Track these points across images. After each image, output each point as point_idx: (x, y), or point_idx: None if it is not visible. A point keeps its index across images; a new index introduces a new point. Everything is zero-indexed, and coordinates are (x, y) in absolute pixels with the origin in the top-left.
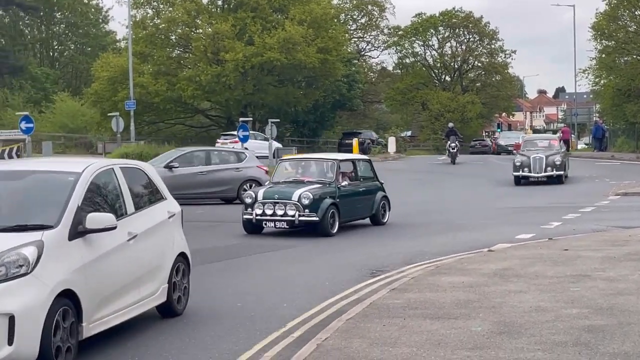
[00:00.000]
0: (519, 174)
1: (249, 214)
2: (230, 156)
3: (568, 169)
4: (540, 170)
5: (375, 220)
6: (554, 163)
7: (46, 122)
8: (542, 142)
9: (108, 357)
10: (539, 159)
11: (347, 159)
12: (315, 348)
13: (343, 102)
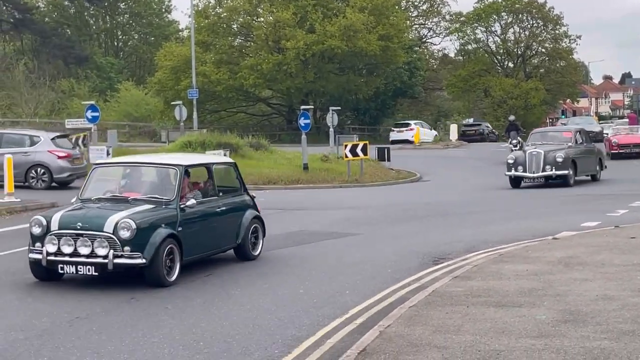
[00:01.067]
0: (512, 173)
1: (36, 252)
2: (24, 139)
3: (602, 166)
4: (537, 170)
5: (242, 252)
6: (554, 160)
7: (111, 110)
8: (553, 134)
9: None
10: (535, 154)
11: (198, 163)
12: (378, 335)
13: (404, 90)
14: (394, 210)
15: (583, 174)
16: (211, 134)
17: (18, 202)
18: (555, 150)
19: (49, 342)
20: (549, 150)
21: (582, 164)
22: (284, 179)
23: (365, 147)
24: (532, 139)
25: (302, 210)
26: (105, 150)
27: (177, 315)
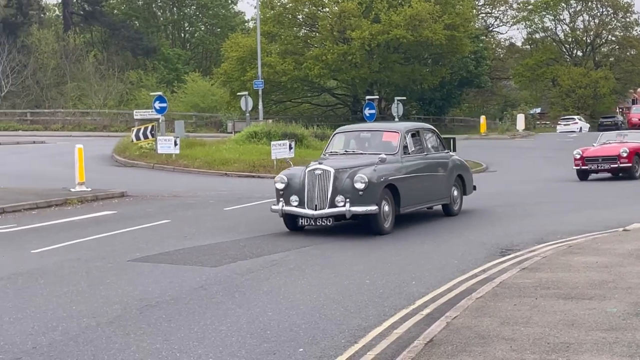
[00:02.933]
0: (279, 208)
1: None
2: None
3: (465, 188)
4: (321, 204)
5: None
6: (351, 187)
7: (178, 101)
8: (366, 135)
9: (243, 330)
10: (320, 175)
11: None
12: (445, 326)
13: (470, 79)
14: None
15: (416, 205)
16: (276, 124)
17: (89, 192)
18: (359, 168)
19: (120, 329)
20: (350, 167)
21: (413, 189)
22: None
23: None
24: (336, 144)
25: None
26: (173, 140)
27: (244, 304)
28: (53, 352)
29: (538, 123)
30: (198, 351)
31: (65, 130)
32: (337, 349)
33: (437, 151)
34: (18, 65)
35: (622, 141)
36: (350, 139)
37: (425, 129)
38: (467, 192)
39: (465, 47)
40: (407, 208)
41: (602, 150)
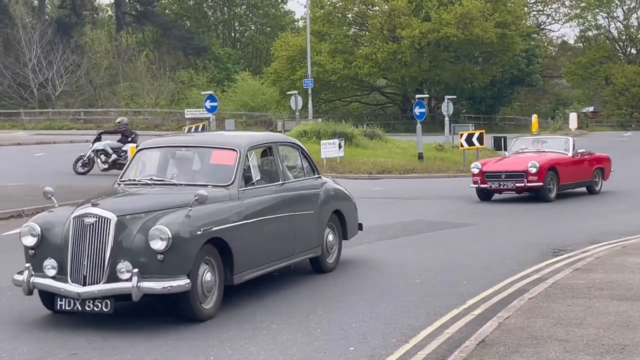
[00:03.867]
0: None
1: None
2: None
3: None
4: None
5: None
6: (144, 247)
7: (228, 100)
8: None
9: (294, 328)
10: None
11: None
12: (497, 326)
13: (521, 78)
14: (511, 200)
15: (264, 267)
16: (326, 123)
17: None
18: (162, 213)
19: (172, 327)
20: (147, 209)
21: (257, 242)
22: (399, 168)
23: (481, 136)
24: (138, 168)
25: (418, 200)
26: None
27: (295, 302)
28: (107, 348)
29: None
30: (249, 348)
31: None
32: (388, 348)
33: (302, 177)
34: (72, 65)
35: (539, 150)
36: (163, 160)
37: (282, 143)
38: (348, 234)
39: (516, 45)
40: (247, 274)
41: (507, 163)
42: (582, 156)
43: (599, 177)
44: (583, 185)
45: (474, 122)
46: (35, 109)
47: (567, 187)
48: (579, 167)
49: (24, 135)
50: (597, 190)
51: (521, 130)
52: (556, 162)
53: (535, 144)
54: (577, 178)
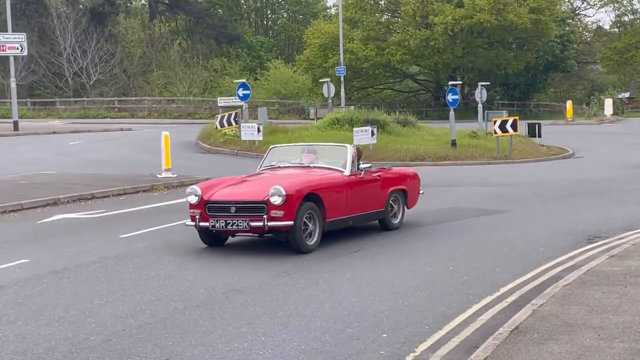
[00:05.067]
0: None
1: None
2: None
3: None
4: None
5: None
6: None
7: (261, 88)
8: None
9: (327, 316)
10: None
11: None
12: (531, 314)
13: (556, 64)
14: (545, 187)
15: None
16: (358, 110)
17: (175, 178)
18: None
19: (207, 313)
20: None
21: None
22: (432, 156)
23: (515, 123)
24: None
25: (451, 187)
26: (256, 127)
27: (327, 290)
28: (142, 334)
29: None
30: (282, 335)
31: (151, 118)
32: (421, 335)
33: None
34: (106, 54)
35: (309, 164)
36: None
37: None
38: None
39: (550, 30)
40: None
41: (240, 188)
42: (369, 174)
43: (398, 204)
44: (370, 218)
45: (507, 109)
46: (70, 97)
47: (341, 224)
48: (362, 192)
49: (60, 124)
50: (395, 225)
51: (556, 116)
52: (319, 187)
53: (308, 156)
54: (359, 209)
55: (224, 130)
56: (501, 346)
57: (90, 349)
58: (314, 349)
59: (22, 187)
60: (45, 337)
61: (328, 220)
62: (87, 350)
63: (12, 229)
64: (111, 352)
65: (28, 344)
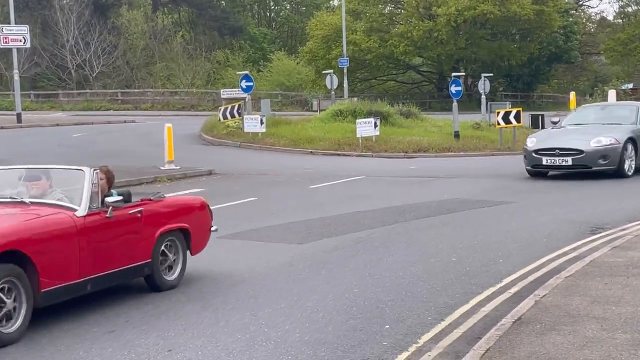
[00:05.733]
0: None
1: None
2: None
3: None
4: None
5: None
6: None
7: (264, 80)
8: None
9: (330, 307)
10: None
11: None
12: (534, 304)
13: (559, 55)
14: (547, 178)
15: None
16: (362, 102)
17: (178, 170)
18: None
19: (209, 304)
20: None
21: None
22: (435, 147)
23: (518, 114)
24: None
25: (454, 178)
26: (259, 119)
27: (330, 281)
28: (145, 326)
29: None
30: (285, 327)
31: (154, 110)
32: (424, 326)
33: None
34: (109, 46)
35: (31, 199)
36: None
37: None
38: None
39: (554, 21)
40: None
41: None
42: (123, 210)
43: (175, 250)
44: (125, 276)
45: (511, 100)
46: (73, 90)
47: (70, 293)
48: (108, 239)
49: (63, 116)
50: (169, 282)
51: (559, 108)
52: (24, 239)
53: (33, 185)
54: (103, 266)
55: (227, 122)
56: (504, 337)
57: (93, 340)
58: (317, 340)
59: None
60: (48, 327)
61: (44, 291)
62: (89, 341)
63: None
64: (115, 343)
65: (31, 335)
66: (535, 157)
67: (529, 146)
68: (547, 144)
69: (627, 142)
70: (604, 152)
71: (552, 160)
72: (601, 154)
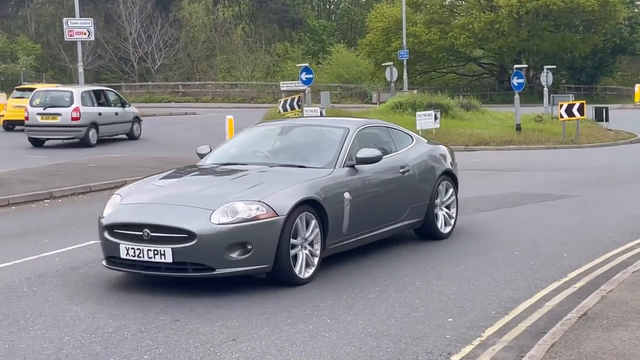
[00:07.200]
0: None
1: None
2: None
3: None
4: None
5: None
6: None
7: (323, 73)
8: None
9: (391, 299)
10: None
11: None
12: (600, 299)
13: (624, 47)
14: (614, 172)
15: None
16: (421, 94)
17: None
18: None
19: (271, 295)
20: None
21: None
22: (496, 140)
23: (582, 107)
24: None
25: (516, 172)
26: (319, 111)
27: (392, 273)
28: (209, 315)
29: None
30: (347, 318)
31: (214, 102)
32: (487, 320)
33: None
34: (170, 39)
35: None
36: None
37: None
38: None
39: (619, 12)
40: None
41: None
42: None
43: None
44: None
45: (574, 93)
46: (135, 82)
47: None
48: None
49: None
50: None
51: (623, 100)
52: None
53: None
54: None
55: (287, 115)
56: (569, 332)
57: (158, 328)
58: (379, 331)
59: (91, 170)
60: (115, 316)
61: None
62: (155, 330)
63: (81, 210)
64: (179, 332)
65: (99, 323)
66: (110, 241)
67: (104, 217)
68: (126, 214)
69: (298, 212)
70: (238, 235)
71: (135, 250)
72: (233, 239)
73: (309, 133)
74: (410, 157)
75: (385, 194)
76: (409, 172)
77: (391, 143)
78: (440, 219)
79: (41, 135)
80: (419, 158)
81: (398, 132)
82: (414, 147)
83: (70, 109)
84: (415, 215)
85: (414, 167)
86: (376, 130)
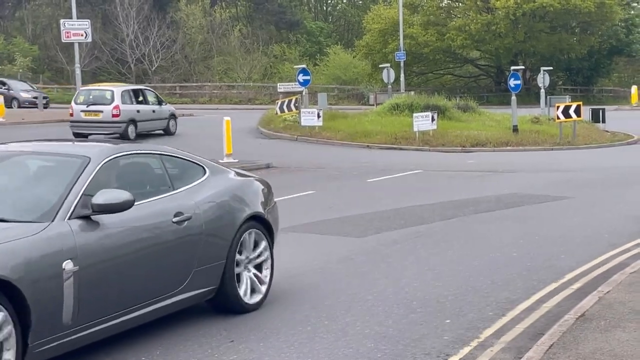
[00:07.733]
0: None
1: None
2: None
3: None
4: None
5: None
6: None
7: (320, 74)
8: None
9: (389, 300)
10: None
11: None
12: (597, 301)
13: (620, 48)
14: (610, 173)
15: None
16: (418, 96)
17: (236, 163)
18: None
19: (270, 296)
20: None
21: None
22: (493, 141)
23: (578, 108)
24: None
25: (513, 173)
26: (316, 112)
27: (390, 275)
28: (207, 317)
29: None
30: (345, 319)
31: (212, 103)
32: (485, 321)
33: None
34: (167, 41)
35: None
36: None
37: None
38: None
39: (615, 14)
40: None
41: None
42: None
43: None
44: None
45: (570, 94)
46: (132, 83)
47: None
48: None
49: None
50: None
51: (620, 102)
52: None
53: None
54: None
55: (284, 116)
56: (567, 333)
57: (155, 330)
58: (377, 333)
59: None
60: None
61: None
62: (152, 332)
63: None
64: (177, 335)
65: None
66: None
67: None
68: None
69: None
70: None
71: None
72: None
73: (23, 166)
74: (195, 198)
75: (144, 257)
76: (189, 220)
77: (165, 178)
78: (245, 284)
79: (84, 131)
80: (212, 198)
81: (180, 161)
82: (204, 183)
83: (110, 107)
84: (204, 282)
85: (201, 213)
86: (140, 159)
